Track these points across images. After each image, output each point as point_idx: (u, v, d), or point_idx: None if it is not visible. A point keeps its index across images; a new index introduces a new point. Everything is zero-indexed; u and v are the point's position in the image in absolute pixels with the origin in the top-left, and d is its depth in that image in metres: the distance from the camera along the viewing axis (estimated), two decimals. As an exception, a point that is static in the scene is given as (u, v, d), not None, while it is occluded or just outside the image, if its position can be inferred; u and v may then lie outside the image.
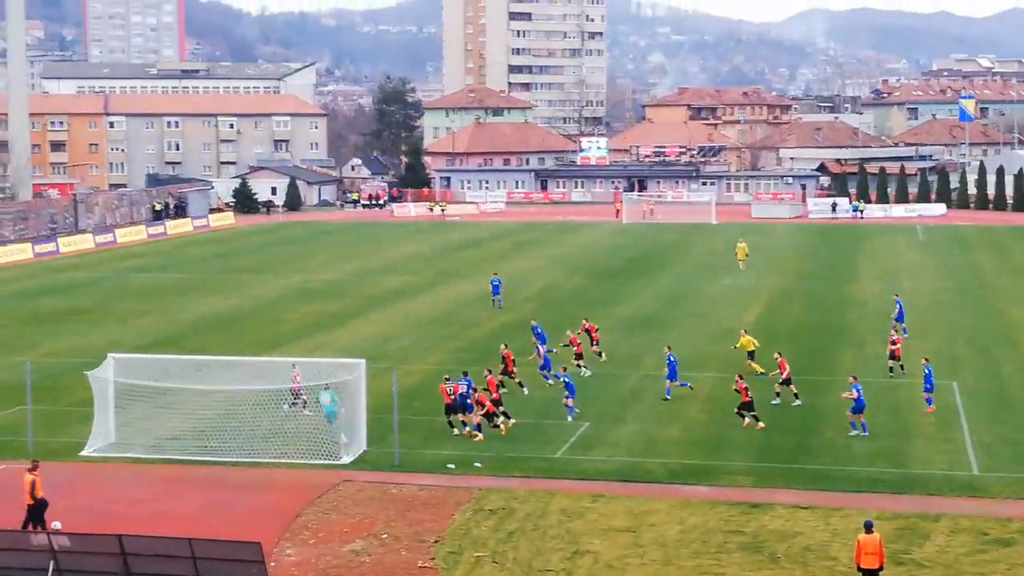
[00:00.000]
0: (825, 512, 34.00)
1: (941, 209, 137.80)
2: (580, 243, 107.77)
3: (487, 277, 79.55)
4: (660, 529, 32.91)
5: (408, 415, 42.80)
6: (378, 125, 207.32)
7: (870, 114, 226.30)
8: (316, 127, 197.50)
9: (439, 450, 40.31)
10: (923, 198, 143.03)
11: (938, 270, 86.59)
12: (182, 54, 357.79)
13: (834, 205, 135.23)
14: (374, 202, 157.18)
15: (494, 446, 40.75)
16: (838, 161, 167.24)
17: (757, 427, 42.50)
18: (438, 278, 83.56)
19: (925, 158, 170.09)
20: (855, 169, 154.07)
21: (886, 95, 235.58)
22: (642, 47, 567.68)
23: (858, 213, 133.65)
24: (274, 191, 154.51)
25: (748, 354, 51.17)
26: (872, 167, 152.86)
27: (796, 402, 45.88)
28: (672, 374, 47.32)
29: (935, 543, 31.89)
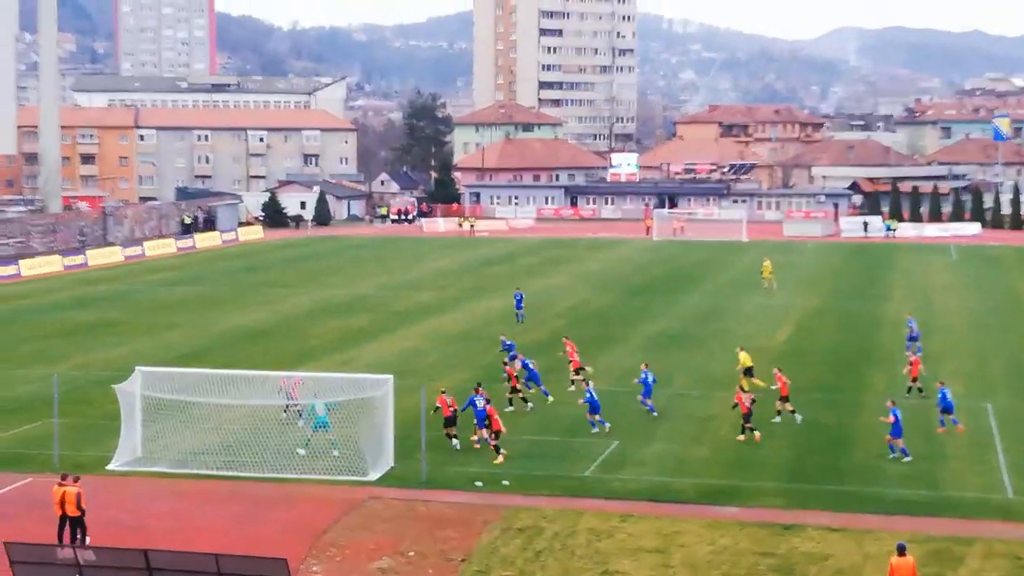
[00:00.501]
0: (857, 534, 33.55)
1: (975, 229, 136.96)
2: (610, 260, 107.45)
3: (515, 293, 79.52)
4: (690, 550, 32.52)
5: (436, 432, 42.50)
6: (408, 140, 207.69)
7: (903, 132, 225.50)
8: (346, 142, 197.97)
9: (467, 467, 40.01)
10: (956, 217, 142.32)
11: (971, 290, 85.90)
12: (213, 68, 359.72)
13: (865, 224, 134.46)
14: (403, 217, 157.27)
15: (522, 464, 40.45)
16: (870, 180, 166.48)
17: (753, 437, 42.97)
18: (467, 294, 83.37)
19: (959, 177, 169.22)
20: (888, 188, 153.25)
21: (919, 113, 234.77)
22: (673, 64, 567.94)
23: (891, 232, 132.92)
24: (303, 205, 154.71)
25: (746, 371, 51.11)
26: (905, 186, 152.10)
27: (797, 418, 45.59)
28: (647, 392, 47.00)
29: (969, 567, 31.41)
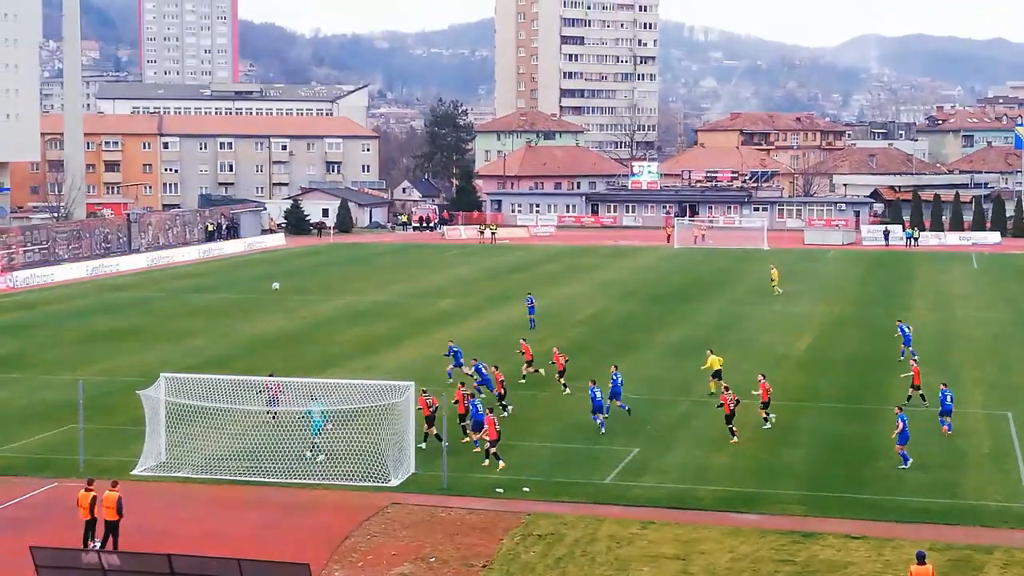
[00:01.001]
0: (877, 543, 33.61)
1: (996, 237, 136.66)
2: (631, 268, 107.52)
3: (539, 300, 79.64)
4: (710, 557, 32.63)
5: (457, 438, 42.75)
6: (430, 148, 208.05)
7: (924, 141, 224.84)
8: (368, 149, 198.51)
9: (488, 474, 40.19)
10: (978, 226, 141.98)
11: (993, 299, 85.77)
12: (236, 75, 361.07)
13: (886, 233, 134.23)
14: (425, 224, 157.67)
15: (543, 471, 40.62)
16: (892, 188, 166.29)
17: (732, 439, 44.01)
18: (488, 302, 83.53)
19: (980, 186, 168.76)
20: (909, 196, 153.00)
21: (941, 122, 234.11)
22: (694, 71, 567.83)
23: (912, 240, 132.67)
24: (325, 213, 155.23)
25: (714, 373, 51.79)
26: (926, 194, 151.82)
27: (766, 425, 46.21)
28: (615, 393, 47.07)
29: (989, 576, 31.50)
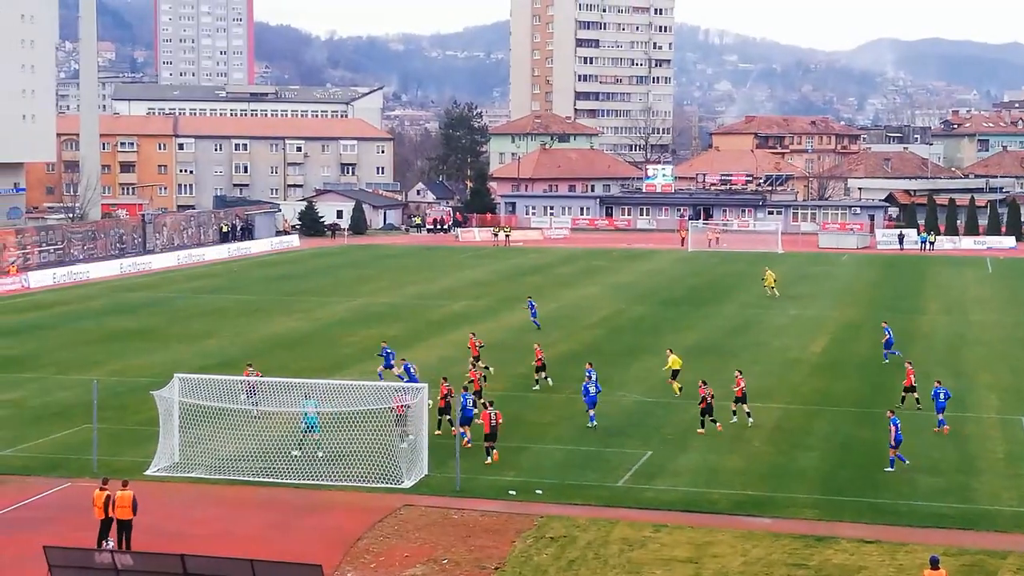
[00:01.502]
0: (891, 547, 33.54)
1: (1011, 242, 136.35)
2: (645, 271, 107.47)
3: (551, 303, 79.84)
4: (722, 561, 32.59)
5: (475, 440, 42.74)
6: (444, 150, 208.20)
7: (940, 145, 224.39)
8: (382, 151, 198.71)
9: (501, 476, 40.19)
10: (993, 231, 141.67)
11: (1007, 303, 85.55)
12: (251, 77, 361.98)
13: (901, 237, 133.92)
14: (439, 227, 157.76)
15: (556, 473, 40.61)
16: (907, 192, 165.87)
17: (714, 428, 45.50)
18: (501, 304, 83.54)
19: (995, 190, 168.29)
20: (924, 200, 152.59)
21: (956, 126, 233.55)
22: (709, 75, 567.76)
23: (927, 245, 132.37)
24: (340, 214, 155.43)
25: (673, 373, 52.63)
26: (941, 198, 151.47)
27: (733, 419, 46.98)
28: (586, 390, 47.40)
29: (1003, 581, 31.41)
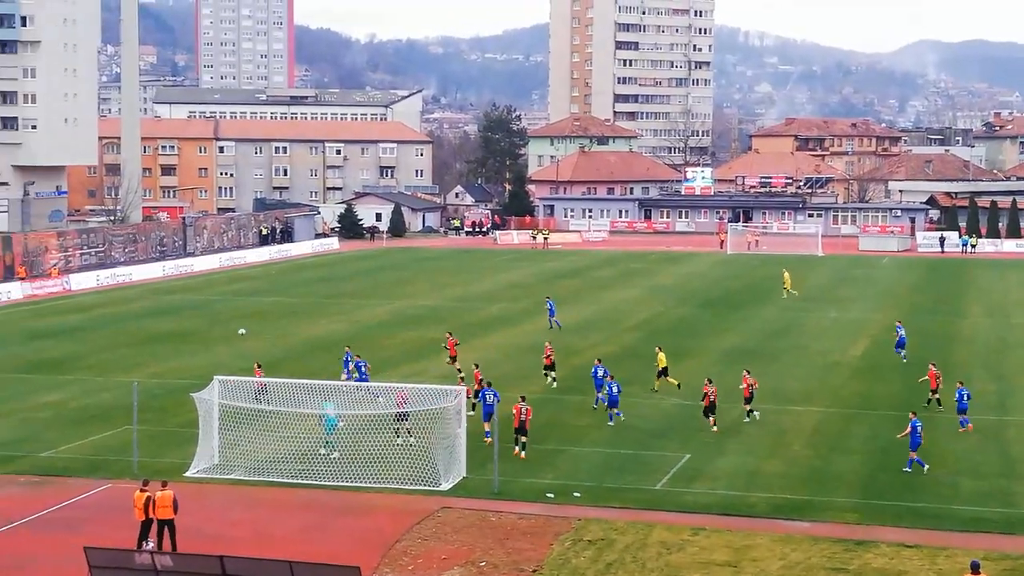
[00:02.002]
0: (931, 551, 33.31)
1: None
2: (683, 273, 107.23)
3: (590, 306, 79.79)
4: (761, 564, 32.44)
5: (507, 443, 42.75)
6: (483, 153, 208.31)
7: (982, 147, 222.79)
8: (421, 154, 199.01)
9: (538, 479, 40.16)
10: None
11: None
12: (291, 80, 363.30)
13: (942, 240, 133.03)
14: (477, 229, 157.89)
15: (594, 476, 40.55)
16: (948, 194, 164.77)
17: (712, 430, 46.08)
18: (539, 306, 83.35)
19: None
20: (965, 203, 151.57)
21: (998, 128, 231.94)
22: (749, 77, 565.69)
23: (968, 248, 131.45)
24: (379, 217, 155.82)
25: (662, 371, 53.32)
26: (983, 201, 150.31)
27: (747, 419, 47.75)
28: (598, 386, 49.16)
29: (1045, 586, 31.14)
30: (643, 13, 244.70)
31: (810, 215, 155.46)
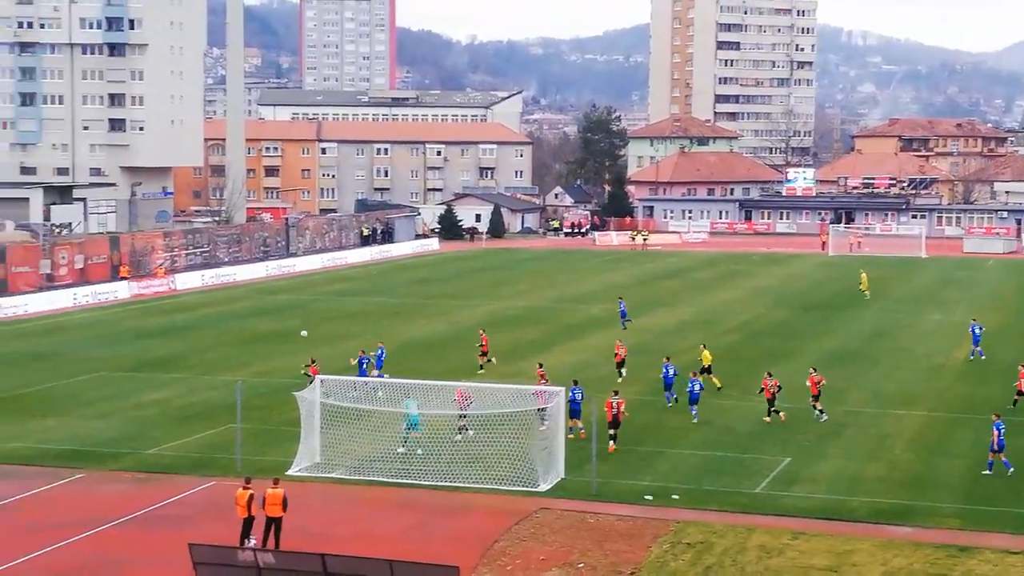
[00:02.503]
0: (1036, 559, 32.82)
1: None
2: (784, 275, 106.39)
3: (690, 307, 79.52)
4: (862, 570, 32.14)
5: (606, 444, 42.77)
6: (582, 153, 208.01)
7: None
8: (521, 155, 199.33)
9: (637, 480, 40.12)
10: None
11: None
12: (393, 82, 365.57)
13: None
14: (576, 230, 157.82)
15: (693, 478, 40.42)
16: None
17: (781, 418, 47.29)
18: (638, 308, 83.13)
19: None
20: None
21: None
22: (852, 77, 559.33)
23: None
24: (478, 218, 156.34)
25: (705, 368, 53.43)
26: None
27: (823, 418, 47.94)
28: (668, 383, 50.70)
29: None
30: (745, 13, 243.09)
31: (914, 216, 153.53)
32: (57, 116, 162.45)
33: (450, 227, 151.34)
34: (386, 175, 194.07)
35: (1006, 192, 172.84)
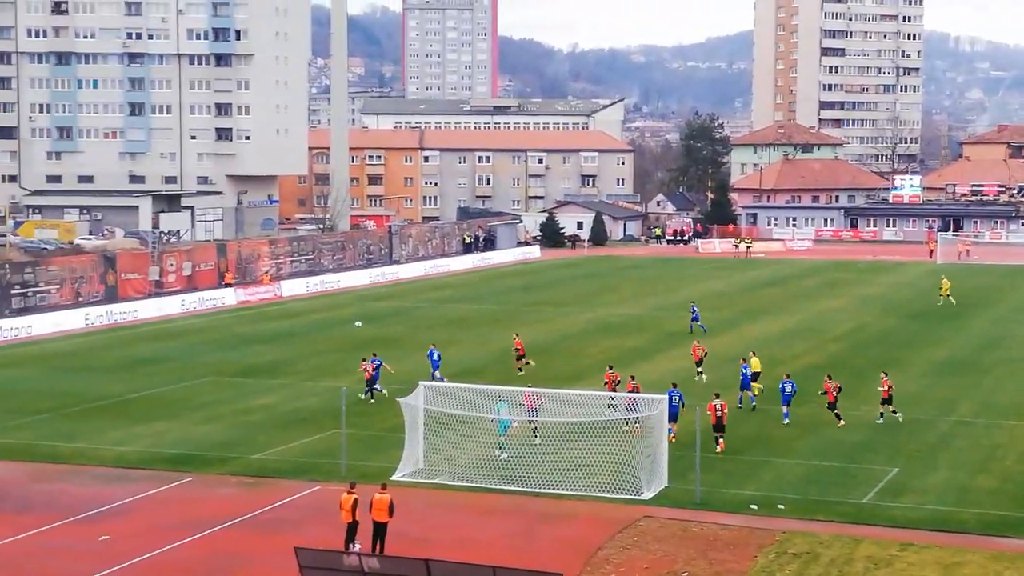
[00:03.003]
0: None
1: None
2: (891, 283, 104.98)
3: (793, 316, 78.86)
4: (973, 582, 31.60)
5: (709, 453, 42.46)
6: (685, 161, 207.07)
7: None
8: (623, 163, 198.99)
9: (741, 490, 39.77)
10: None
11: None
12: (494, 90, 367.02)
13: None
14: (679, 238, 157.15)
15: (799, 488, 39.97)
16: None
17: (839, 424, 47.70)
18: (742, 316, 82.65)
19: None
20: None
21: None
22: (960, 83, 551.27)
23: None
24: (580, 226, 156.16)
25: (754, 375, 53.04)
26: None
27: (879, 419, 48.68)
28: (745, 384, 51.86)
29: None
30: (850, 20, 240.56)
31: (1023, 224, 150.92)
32: (165, 125, 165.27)
33: (552, 235, 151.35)
34: (488, 183, 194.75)
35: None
